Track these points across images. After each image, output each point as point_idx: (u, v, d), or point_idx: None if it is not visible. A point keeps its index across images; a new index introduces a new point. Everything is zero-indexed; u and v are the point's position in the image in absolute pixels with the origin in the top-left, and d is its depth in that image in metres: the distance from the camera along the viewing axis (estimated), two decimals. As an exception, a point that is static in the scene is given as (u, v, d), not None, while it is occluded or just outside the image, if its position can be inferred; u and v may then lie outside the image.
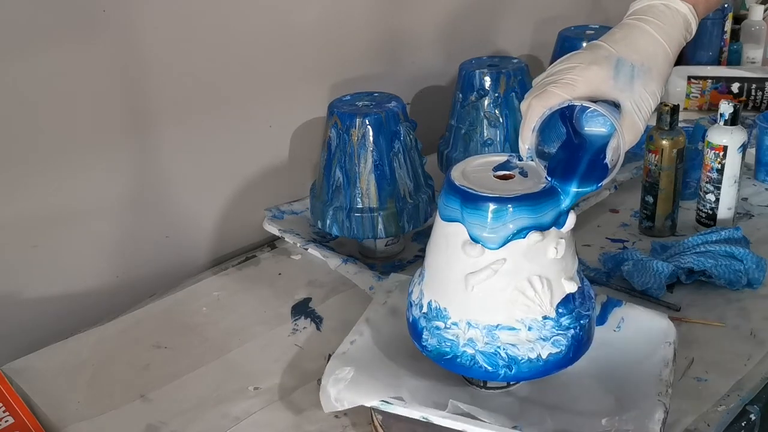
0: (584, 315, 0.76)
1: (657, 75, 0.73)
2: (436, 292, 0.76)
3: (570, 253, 0.75)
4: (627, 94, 0.71)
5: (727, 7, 1.68)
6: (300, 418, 0.84)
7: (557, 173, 0.73)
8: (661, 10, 0.74)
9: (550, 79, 0.73)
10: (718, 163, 1.12)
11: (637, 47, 0.72)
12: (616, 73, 0.71)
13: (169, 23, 1.02)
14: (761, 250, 1.05)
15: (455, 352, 0.75)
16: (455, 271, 0.74)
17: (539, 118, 0.72)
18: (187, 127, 1.08)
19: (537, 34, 1.61)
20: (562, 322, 0.74)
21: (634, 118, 0.71)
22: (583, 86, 0.71)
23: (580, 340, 0.76)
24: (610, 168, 0.72)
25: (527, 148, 0.74)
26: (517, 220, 0.71)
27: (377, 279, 1.03)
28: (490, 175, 0.76)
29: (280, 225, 1.15)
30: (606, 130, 0.74)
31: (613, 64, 0.71)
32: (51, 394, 0.88)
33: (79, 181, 0.99)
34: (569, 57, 0.74)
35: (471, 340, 0.74)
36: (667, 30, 0.74)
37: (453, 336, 0.75)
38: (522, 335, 0.73)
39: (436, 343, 0.76)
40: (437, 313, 0.76)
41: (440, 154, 1.25)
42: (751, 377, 0.86)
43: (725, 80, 1.55)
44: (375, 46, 1.31)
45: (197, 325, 1.01)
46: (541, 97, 0.72)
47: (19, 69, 0.90)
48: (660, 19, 0.74)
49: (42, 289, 1.00)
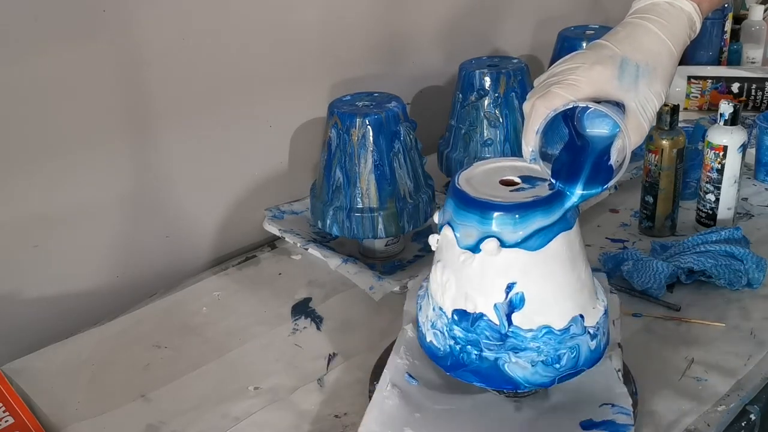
0: None
1: (662, 75, 0.71)
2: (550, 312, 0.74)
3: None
4: (632, 95, 0.70)
5: (727, 7, 1.68)
6: (300, 418, 0.84)
7: (562, 176, 0.72)
8: (665, 8, 0.73)
9: (553, 80, 0.71)
10: (718, 163, 1.12)
11: (641, 46, 0.71)
12: (621, 73, 0.70)
13: (169, 23, 1.02)
14: (761, 250, 1.05)
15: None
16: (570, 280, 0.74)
17: (543, 120, 0.70)
18: (187, 127, 1.08)
19: (537, 34, 1.61)
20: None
21: (639, 118, 0.70)
22: (587, 87, 0.69)
23: None
24: (615, 169, 0.71)
25: (531, 150, 0.72)
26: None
27: (377, 279, 1.03)
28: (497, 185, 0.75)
29: (280, 225, 1.16)
30: (609, 130, 0.73)
31: (618, 64, 0.70)
32: (51, 394, 0.88)
33: (79, 181, 0.99)
34: (572, 57, 0.72)
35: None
36: (672, 29, 0.72)
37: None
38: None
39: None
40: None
41: (440, 154, 1.25)
42: (751, 377, 0.86)
43: (725, 80, 1.55)
44: (375, 46, 1.31)
45: (197, 325, 1.01)
46: (545, 98, 0.70)
47: (19, 69, 0.90)
48: (664, 18, 0.72)
49: (42, 289, 1.00)
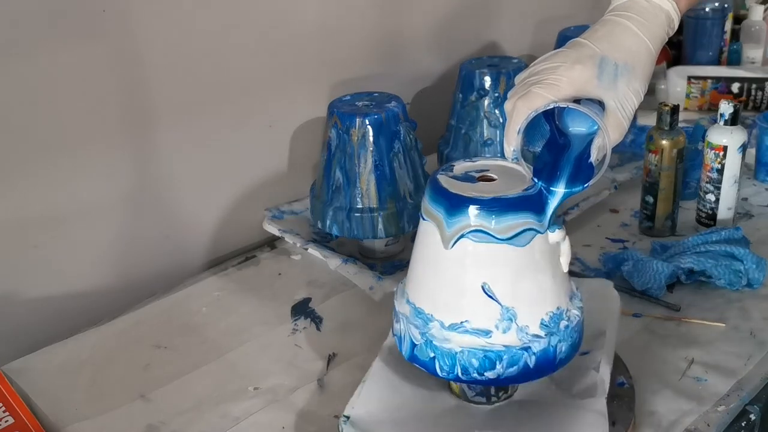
0: None
1: (641, 73, 0.72)
2: (543, 305, 0.73)
3: None
4: (611, 93, 0.70)
5: (727, 7, 1.68)
6: (300, 418, 0.84)
7: (543, 175, 0.73)
8: (643, 6, 0.73)
9: (533, 79, 0.72)
10: (718, 163, 1.12)
11: (620, 45, 0.71)
12: (600, 72, 0.70)
13: (169, 23, 1.02)
14: (761, 250, 1.05)
15: (579, 331, 0.76)
16: (550, 270, 0.73)
17: (524, 120, 0.71)
18: (186, 126, 1.08)
19: (537, 34, 1.61)
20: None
21: (618, 116, 0.71)
22: (567, 86, 0.70)
23: None
24: (596, 167, 0.72)
25: (512, 150, 0.73)
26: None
27: (377, 279, 1.03)
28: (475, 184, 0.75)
29: (280, 225, 1.15)
30: (588, 129, 0.74)
31: (597, 63, 0.70)
32: (51, 394, 0.88)
33: (79, 181, 0.99)
34: (552, 55, 0.73)
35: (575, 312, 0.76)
36: (650, 27, 0.73)
37: (572, 318, 0.75)
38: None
39: (569, 342, 0.75)
40: (557, 318, 0.74)
41: (440, 154, 1.25)
42: (751, 377, 0.86)
43: (725, 80, 1.55)
44: (375, 46, 1.31)
45: (197, 325, 1.01)
46: (526, 99, 0.71)
47: (19, 69, 0.90)
48: (642, 16, 0.73)
49: (42, 289, 1.00)
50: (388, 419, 0.76)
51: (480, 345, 0.71)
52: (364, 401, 0.77)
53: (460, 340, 0.72)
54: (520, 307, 0.71)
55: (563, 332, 0.73)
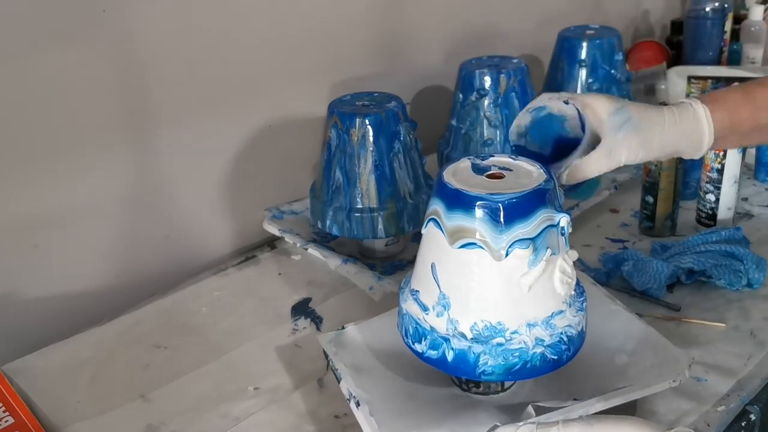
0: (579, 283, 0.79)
1: (644, 139, 0.76)
2: (480, 311, 0.73)
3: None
4: (611, 134, 0.76)
5: (727, 7, 1.68)
6: (300, 418, 0.84)
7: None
8: (688, 113, 0.79)
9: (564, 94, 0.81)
10: (718, 163, 1.12)
11: (645, 113, 0.77)
12: (615, 111, 0.76)
13: (169, 23, 1.02)
14: (761, 250, 1.05)
15: (525, 359, 0.73)
16: (497, 284, 0.72)
17: (537, 101, 0.80)
18: (186, 126, 1.08)
19: (537, 34, 1.61)
20: (579, 290, 0.77)
21: (602, 155, 0.76)
22: (588, 101, 0.78)
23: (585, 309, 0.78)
24: (561, 169, 0.77)
25: (517, 125, 0.81)
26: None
27: (377, 279, 1.03)
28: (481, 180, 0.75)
29: (280, 225, 1.15)
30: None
31: (618, 106, 0.77)
32: (51, 394, 0.88)
33: (78, 181, 1.00)
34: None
35: (538, 339, 0.73)
36: (680, 128, 0.78)
37: (520, 344, 0.73)
38: (568, 314, 0.75)
39: (501, 362, 0.73)
40: (492, 330, 0.73)
41: (440, 154, 1.25)
42: (751, 377, 0.86)
43: (725, 80, 1.54)
44: (375, 46, 1.31)
45: (197, 325, 1.01)
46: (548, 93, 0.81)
47: (19, 69, 0.90)
48: (679, 116, 0.78)
49: (42, 289, 1.00)
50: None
51: (417, 316, 0.76)
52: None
53: (409, 306, 0.78)
54: (457, 300, 0.73)
55: (492, 347, 0.72)
